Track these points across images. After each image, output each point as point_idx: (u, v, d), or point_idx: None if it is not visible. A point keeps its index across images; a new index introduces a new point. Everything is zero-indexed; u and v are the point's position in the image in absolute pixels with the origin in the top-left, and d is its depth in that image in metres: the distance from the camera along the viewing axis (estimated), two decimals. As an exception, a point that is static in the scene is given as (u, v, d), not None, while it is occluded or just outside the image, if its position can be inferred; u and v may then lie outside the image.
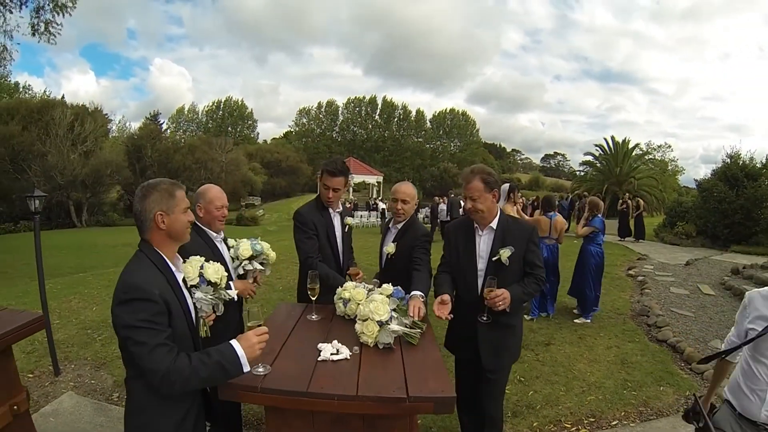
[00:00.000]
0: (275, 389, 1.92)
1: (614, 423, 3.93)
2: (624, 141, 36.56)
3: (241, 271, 3.19)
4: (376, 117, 72.06)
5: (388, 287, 2.88)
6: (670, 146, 44.34)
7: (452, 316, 2.90)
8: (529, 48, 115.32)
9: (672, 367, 5.03)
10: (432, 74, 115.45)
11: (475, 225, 3.03)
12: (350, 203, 25.13)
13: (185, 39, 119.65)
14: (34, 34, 14.92)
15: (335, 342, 2.34)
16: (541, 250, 6.51)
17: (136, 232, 2.05)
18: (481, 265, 2.98)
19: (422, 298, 2.89)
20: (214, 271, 2.48)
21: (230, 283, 2.76)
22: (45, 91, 43.12)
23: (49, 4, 14.63)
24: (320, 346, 2.30)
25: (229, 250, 3.19)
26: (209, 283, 2.42)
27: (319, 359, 2.21)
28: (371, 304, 2.48)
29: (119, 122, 46.43)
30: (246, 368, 1.84)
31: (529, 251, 2.97)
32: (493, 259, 2.91)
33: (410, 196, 3.57)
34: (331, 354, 2.23)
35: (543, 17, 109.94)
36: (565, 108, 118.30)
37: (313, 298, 2.96)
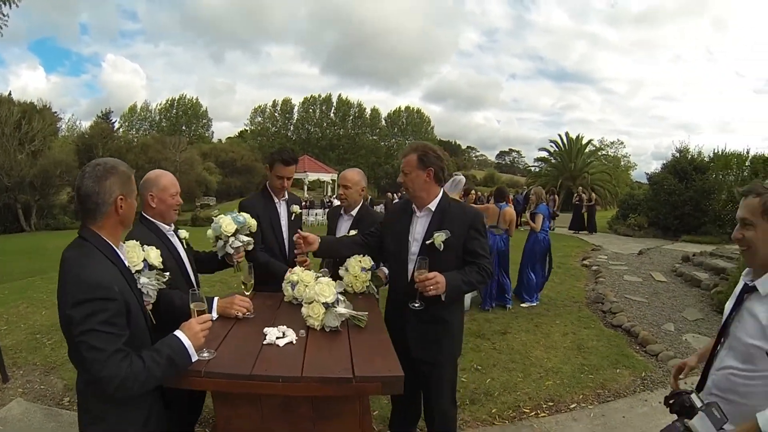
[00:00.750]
0: (219, 373, 1.86)
1: (572, 406, 4.03)
2: (578, 137, 37.72)
3: (230, 250, 3.05)
4: (332, 115, 71.72)
5: (367, 259, 3.02)
6: (622, 143, 46.03)
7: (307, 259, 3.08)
8: (486, 47, 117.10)
9: (627, 351, 5.21)
10: (389, 73, 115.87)
11: (413, 206, 2.86)
12: (305, 201, 24.90)
13: (140, 35, 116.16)
14: None
15: (281, 326, 2.32)
16: (489, 240, 6.73)
17: None
18: (414, 248, 2.79)
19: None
20: (156, 254, 2.38)
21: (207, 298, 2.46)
22: (-9, 88, 41.09)
23: (-5, -5, 13.97)
24: (266, 330, 2.26)
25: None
26: (151, 267, 2.31)
27: (264, 342, 2.17)
28: (317, 286, 2.44)
29: (69, 121, 44.48)
30: (194, 357, 1.82)
31: (471, 238, 2.72)
32: (427, 242, 2.70)
33: (351, 181, 3.62)
34: (277, 338, 2.20)
35: (500, 17, 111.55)
36: (520, 106, 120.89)
37: (247, 293, 2.80)
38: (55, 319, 6.28)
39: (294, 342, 2.21)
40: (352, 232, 3.42)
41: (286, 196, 3.67)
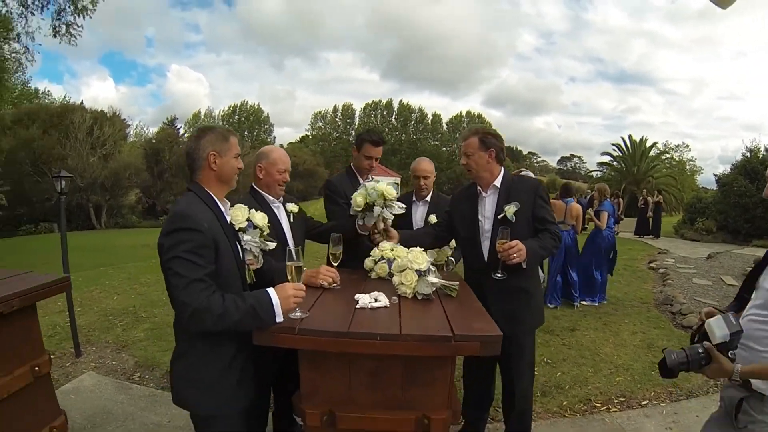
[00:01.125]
0: (314, 330, 1.82)
1: (644, 402, 3.88)
2: (641, 140, 36.24)
3: (380, 218, 2.97)
4: (393, 120, 71.82)
5: (423, 256, 2.82)
6: (687, 146, 43.50)
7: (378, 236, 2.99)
8: (544, 50, 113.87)
9: None
10: (448, 78, 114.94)
11: (478, 188, 2.95)
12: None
13: (202, 45, 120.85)
14: (55, 36, 15.13)
15: (373, 293, 2.25)
16: None
17: (155, 234, 1.97)
18: (487, 226, 2.87)
19: None
20: (261, 216, 2.46)
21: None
22: (65, 97, 43.66)
23: (69, 7, 14.86)
24: (357, 296, 2.21)
25: (288, 216, 2.96)
26: (256, 227, 2.40)
27: (357, 307, 2.11)
28: (410, 254, 2.44)
29: (137, 127, 46.79)
30: (279, 318, 1.81)
31: (538, 206, 2.82)
32: (499, 217, 2.79)
33: (430, 171, 3.71)
34: (369, 302, 2.15)
35: (556, 19, 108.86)
36: (580, 110, 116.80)
37: (335, 264, 2.72)
38: (126, 303, 6.75)
39: (387, 306, 2.15)
40: (432, 217, 3.52)
41: (371, 179, 3.58)
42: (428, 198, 3.73)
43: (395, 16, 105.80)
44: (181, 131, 57.09)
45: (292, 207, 2.98)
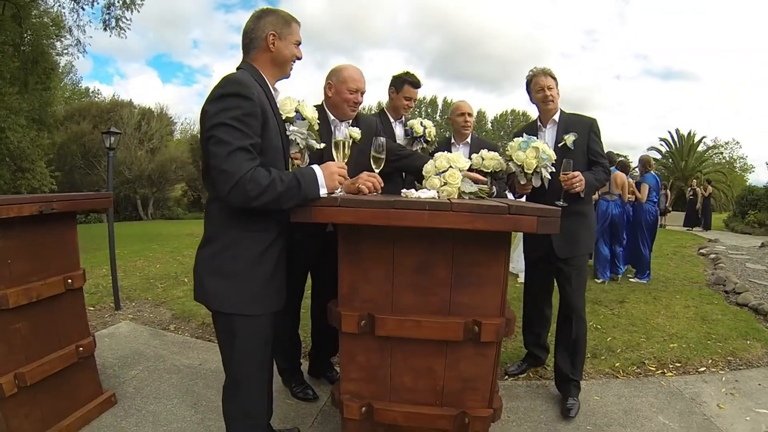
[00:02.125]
0: (358, 199, 1.69)
1: (702, 369, 3.70)
2: (689, 134, 34.79)
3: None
4: (437, 118, 71.65)
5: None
6: (738, 143, 41.49)
7: None
8: (587, 47, 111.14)
9: (757, 325, 4.66)
10: (493, 76, 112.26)
11: (539, 123, 3.24)
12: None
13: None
14: (105, 29, 15.76)
15: (424, 190, 2.11)
16: (602, 206, 6.46)
17: (200, 225, 1.93)
18: None
19: None
20: (312, 109, 2.29)
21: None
22: (114, 95, 45.19)
23: (118, 1, 15.41)
24: (403, 191, 2.08)
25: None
26: (304, 119, 2.23)
27: (402, 195, 1.99)
28: (449, 154, 2.30)
29: (183, 123, 48.03)
30: (323, 191, 1.72)
31: (592, 140, 3.10)
32: (559, 145, 3.04)
33: (472, 109, 3.76)
34: (419, 195, 2.00)
35: (599, 15, 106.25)
36: (625, 109, 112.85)
37: (376, 170, 2.32)
38: (168, 270, 6.99)
39: (435, 197, 1.98)
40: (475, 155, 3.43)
41: (402, 118, 3.74)
42: (468, 139, 3.73)
43: (438, 14, 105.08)
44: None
45: (355, 133, 2.72)
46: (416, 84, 3.61)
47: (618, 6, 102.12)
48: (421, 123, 3.58)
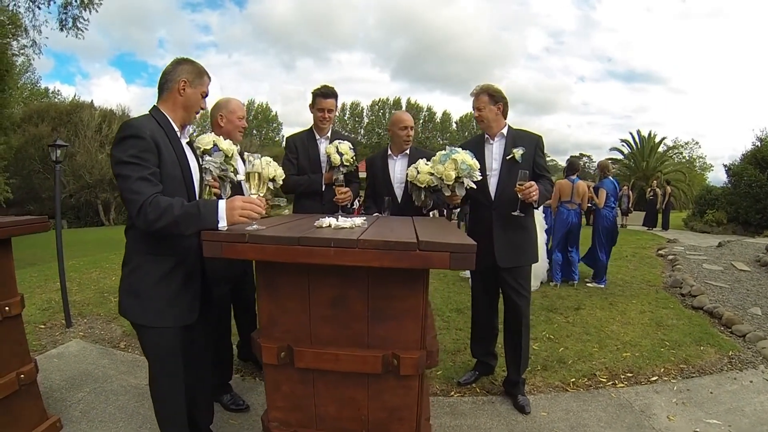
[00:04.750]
0: (265, 236, 1.69)
1: (654, 378, 3.70)
2: (650, 135, 35.78)
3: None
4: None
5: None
6: (697, 143, 42.80)
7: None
8: (553, 50, 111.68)
9: (711, 330, 4.76)
10: (459, 77, 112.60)
11: (486, 136, 3.34)
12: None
13: (213, 46, 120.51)
14: (62, 29, 15.29)
15: (341, 217, 2.12)
16: (562, 215, 6.51)
17: None
18: (495, 165, 3.27)
19: None
20: (229, 144, 2.60)
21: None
22: (74, 96, 44.02)
23: (75, 0, 14.98)
24: (319, 220, 2.06)
25: (245, 164, 2.98)
26: (224, 153, 2.53)
27: (315, 224, 1.99)
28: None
29: (145, 126, 47.19)
30: (221, 223, 1.81)
31: (538, 156, 3.28)
32: (507, 157, 3.19)
33: (413, 122, 3.78)
34: (333, 223, 2.00)
35: (566, 18, 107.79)
36: (590, 109, 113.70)
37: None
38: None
39: (353, 227, 1.96)
40: (412, 167, 3.53)
41: (328, 133, 3.78)
42: (407, 152, 3.69)
43: (406, 16, 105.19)
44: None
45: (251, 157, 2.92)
46: (326, 94, 3.64)
47: (582, 9, 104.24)
48: (337, 150, 3.54)
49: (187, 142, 2.31)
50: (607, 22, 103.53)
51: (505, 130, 3.30)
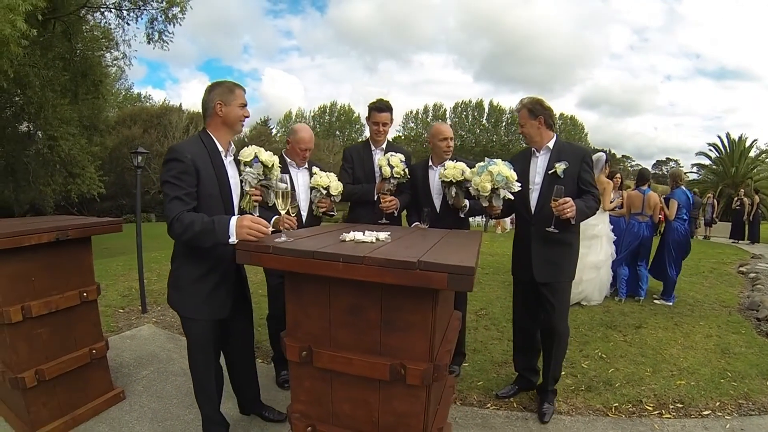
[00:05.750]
0: (285, 249, 1.89)
1: (706, 413, 3.40)
2: (740, 138, 33.09)
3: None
4: (484, 122, 70.27)
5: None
6: None
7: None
8: (637, 47, 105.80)
9: None
10: (542, 79, 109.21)
11: (533, 149, 3.30)
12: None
13: (295, 50, 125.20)
14: (149, 42, 16.63)
15: (368, 231, 2.24)
16: (633, 227, 6.24)
17: None
18: (537, 179, 3.24)
19: None
20: (269, 155, 2.78)
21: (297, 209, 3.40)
22: (164, 100, 47.02)
23: (161, 16, 16.17)
24: (343, 234, 2.22)
25: (311, 178, 3.52)
26: (263, 164, 2.72)
27: (341, 239, 2.15)
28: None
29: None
30: (231, 239, 2.10)
31: (584, 171, 3.18)
32: (549, 172, 3.16)
33: (452, 132, 3.87)
34: (356, 237, 2.14)
35: (649, 13, 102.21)
36: (676, 111, 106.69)
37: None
38: None
39: (374, 241, 2.12)
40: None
41: (383, 145, 3.95)
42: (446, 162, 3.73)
43: (488, 17, 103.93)
44: (274, 131, 60.05)
45: (316, 170, 3.58)
46: (380, 108, 3.81)
47: (667, 2, 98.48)
48: (389, 162, 3.65)
49: (234, 158, 2.66)
50: (694, 15, 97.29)
51: (551, 143, 3.25)
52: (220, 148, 2.50)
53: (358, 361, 1.89)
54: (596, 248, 6.28)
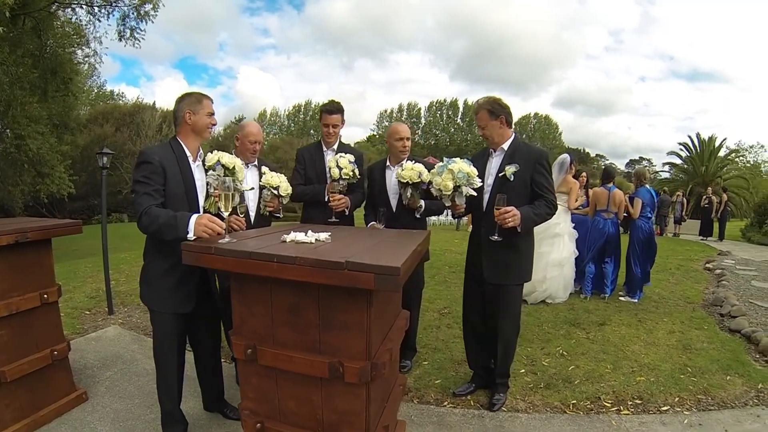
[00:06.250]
0: (226, 250, 1.96)
1: (665, 408, 3.41)
2: (710, 138, 33.95)
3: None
4: (459, 121, 70.44)
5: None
6: (762, 146, 39.78)
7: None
8: (613, 49, 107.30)
9: (744, 357, 4.31)
10: (518, 79, 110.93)
11: (490, 150, 3.32)
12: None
13: (272, 48, 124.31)
14: (120, 39, 16.33)
15: (310, 232, 2.27)
16: (598, 224, 6.31)
17: None
18: (489, 180, 3.24)
19: None
20: (230, 158, 2.90)
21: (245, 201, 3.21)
22: (138, 98, 46.27)
23: (133, 13, 15.90)
24: (289, 234, 2.26)
25: (260, 178, 3.54)
26: (224, 167, 2.84)
27: (281, 239, 2.19)
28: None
29: (206, 125, 49.01)
30: (189, 235, 2.22)
31: (537, 172, 3.13)
32: (500, 175, 3.15)
33: (410, 133, 3.92)
34: (297, 237, 2.19)
35: (625, 15, 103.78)
36: (651, 111, 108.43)
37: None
38: None
39: (313, 242, 2.17)
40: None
41: (335, 146, 3.94)
42: (403, 162, 3.74)
43: (465, 17, 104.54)
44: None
45: (265, 170, 3.56)
46: (330, 110, 3.84)
47: (642, 5, 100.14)
48: (337, 164, 3.64)
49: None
50: (669, 18, 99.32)
51: (506, 144, 3.25)
52: (188, 153, 2.67)
53: (298, 359, 1.92)
54: (558, 246, 6.39)
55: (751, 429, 3.18)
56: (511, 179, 3.09)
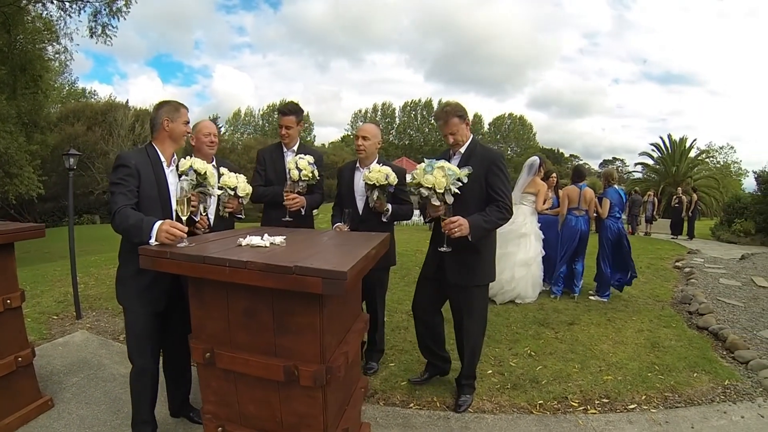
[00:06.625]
0: (180, 254, 1.97)
1: (632, 406, 3.44)
2: (681, 139, 34.73)
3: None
4: (433, 121, 70.29)
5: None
6: (732, 147, 40.95)
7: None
8: (588, 51, 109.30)
9: (711, 354, 4.38)
10: (493, 79, 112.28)
11: (450, 151, 3.35)
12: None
13: (247, 47, 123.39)
14: (91, 36, 15.98)
15: (266, 235, 2.28)
16: (570, 222, 6.36)
17: None
18: None
19: None
20: (202, 164, 2.94)
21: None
22: (110, 96, 45.34)
23: (105, 9, 15.58)
24: (247, 237, 2.28)
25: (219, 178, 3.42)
26: (196, 172, 2.89)
27: (237, 243, 2.21)
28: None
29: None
30: (151, 240, 2.21)
31: (492, 174, 3.12)
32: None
33: (370, 132, 3.82)
34: (252, 241, 2.21)
35: (600, 18, 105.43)
36: (624, 112, 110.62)
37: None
38: None
39: (268, 246, 2.18)
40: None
41: (294, 147, 3.94)
42: (371, 166, 3.72)
43: (441, 17, 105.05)
44: (223, 129, 58.89)
45: (224, 170, 3.46)
46: (284, 111, 3.85)
47: (617, 9, 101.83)
48: (297, 165, 3.62)
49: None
50: (643, 22, 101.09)
51: (464, 147, 3.27)
52: (163, 159, 2.77)
53: (254, 362, 1.92)
54: (525, 246, 6.47)
55: (718, 425, 3.22)
56: (465, 181, 3.05)
